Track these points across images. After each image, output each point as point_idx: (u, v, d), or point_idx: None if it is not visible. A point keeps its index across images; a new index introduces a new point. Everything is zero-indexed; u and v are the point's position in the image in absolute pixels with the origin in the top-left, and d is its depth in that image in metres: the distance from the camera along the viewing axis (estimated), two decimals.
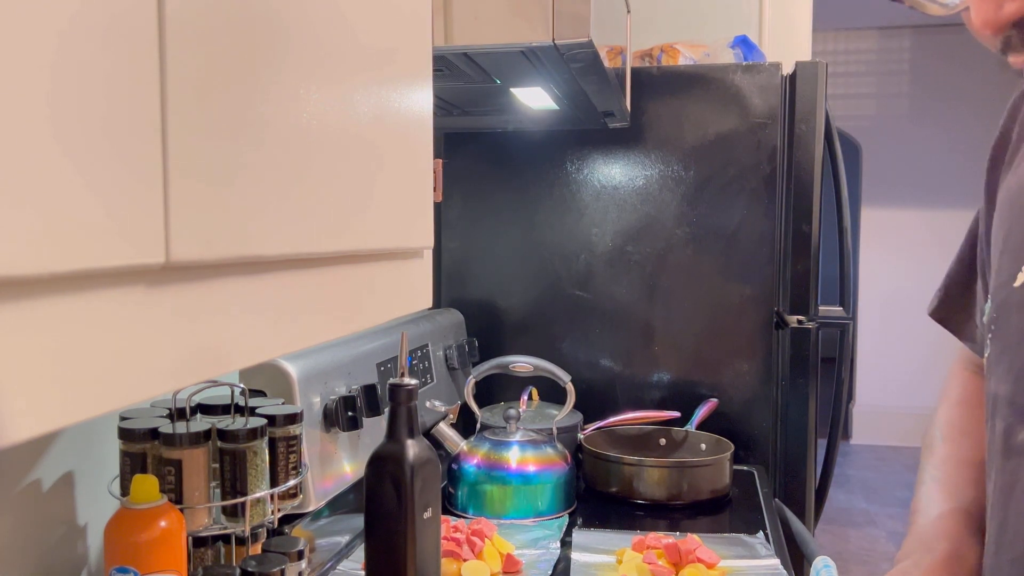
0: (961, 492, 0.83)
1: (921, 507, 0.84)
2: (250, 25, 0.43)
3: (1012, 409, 0.67)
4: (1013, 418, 0.67)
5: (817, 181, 1.73)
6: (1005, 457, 0.68)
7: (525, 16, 0.96)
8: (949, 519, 0.80)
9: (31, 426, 0.30)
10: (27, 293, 0.30)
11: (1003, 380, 0.69)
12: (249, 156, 0.43)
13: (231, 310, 0.44)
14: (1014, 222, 0.71)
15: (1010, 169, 0.75)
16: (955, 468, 0.85)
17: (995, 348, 0.71)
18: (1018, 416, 0.66)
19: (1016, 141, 0.75)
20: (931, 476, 0.86)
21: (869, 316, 5.26)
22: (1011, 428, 0.67)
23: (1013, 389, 0.67)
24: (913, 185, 5.26)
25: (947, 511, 0.81)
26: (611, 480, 1.53)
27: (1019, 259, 0.68)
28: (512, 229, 1.87)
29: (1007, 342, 0.69)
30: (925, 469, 0.88)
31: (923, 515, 0.83)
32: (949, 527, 0.79)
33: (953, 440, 0.88)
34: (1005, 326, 0.69)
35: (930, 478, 0.86)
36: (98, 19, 0.32)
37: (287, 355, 1.01)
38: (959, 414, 0.90)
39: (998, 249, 0.73)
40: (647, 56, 1.89)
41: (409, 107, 0.68)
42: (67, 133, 0.31)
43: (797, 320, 1.74)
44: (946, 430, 0.90)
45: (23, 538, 0.80)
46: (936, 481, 0.85)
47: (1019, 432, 0.66)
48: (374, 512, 0.95)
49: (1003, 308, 0.69)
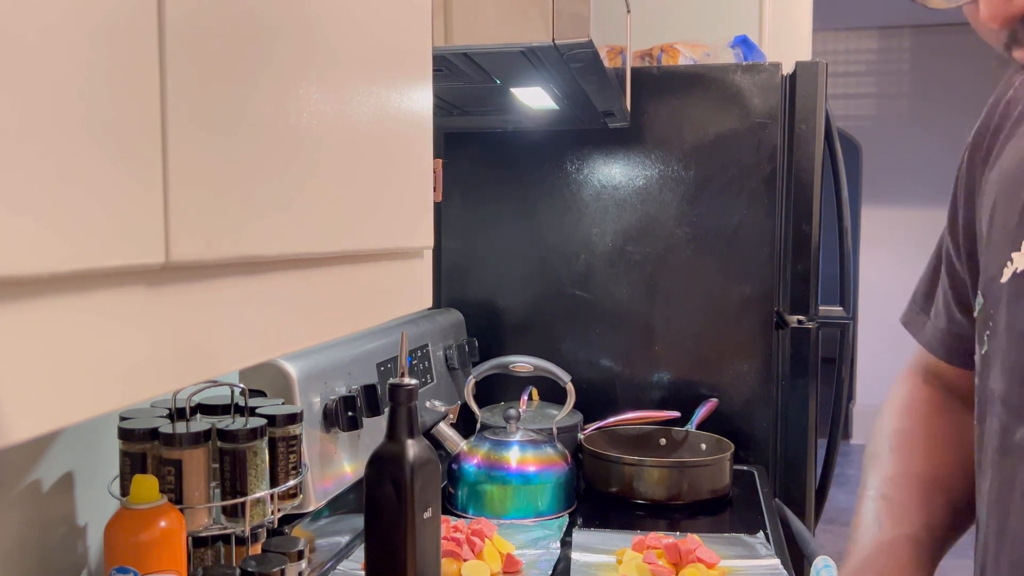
0: (911, 517, 0.79)
1: (865, 522, 0.81)
2: (249, 25, 0.43)
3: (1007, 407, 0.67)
4: (1008, 416, 0.67)
5: (817, 181, 1.73)
6: (1002, 456, 0.68)
7: (525, 16, 0.96)
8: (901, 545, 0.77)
9: (31, 426, 0.30)
10: (27, 293, 0.30)
11: (996, 378, 0.68)
12: (249, 156, 0.43)
13: (231, 310, 0.44)
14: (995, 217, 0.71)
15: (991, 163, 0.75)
16: (905, 487, 0.82)
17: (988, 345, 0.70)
18: (1014, 414, 0.66)
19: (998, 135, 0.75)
20: (879, 493, 0.83)
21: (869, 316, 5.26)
22: (1007, 426, 0.67)
23: (1007, 387, 0.67)
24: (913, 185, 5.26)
25: (896, 538, 0.78)
26: (611, 480, 1.53)
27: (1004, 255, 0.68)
28: (512, 229, 1.87)
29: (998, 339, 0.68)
30: (871, 483, 0.84)
31: (868, 536, 0.79)
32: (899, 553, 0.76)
33: (903, 452, 0.85)
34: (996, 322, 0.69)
35: (878, 494, 0.83)
36: (98, 16, 0.32)
37: (287, 355, 1.01)
38: (907, 425, 0.87)
39: (984, 244, 0.73)
40: (647, 56, 1.89)
41: (409, 107, 0.68)
42: (67, 133, 0.31)
43: (797, 320, 1.74)
44: (895, 441, 0.87)
45: (23, 538, 0.80)
46: (885, 499, 0.82)
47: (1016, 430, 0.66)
48: (374, 512, 0.95)
49: (993, 304, 0.69)
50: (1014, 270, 0.66)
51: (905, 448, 0.85)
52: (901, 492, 0.82)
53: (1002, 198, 0.70)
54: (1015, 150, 0.71)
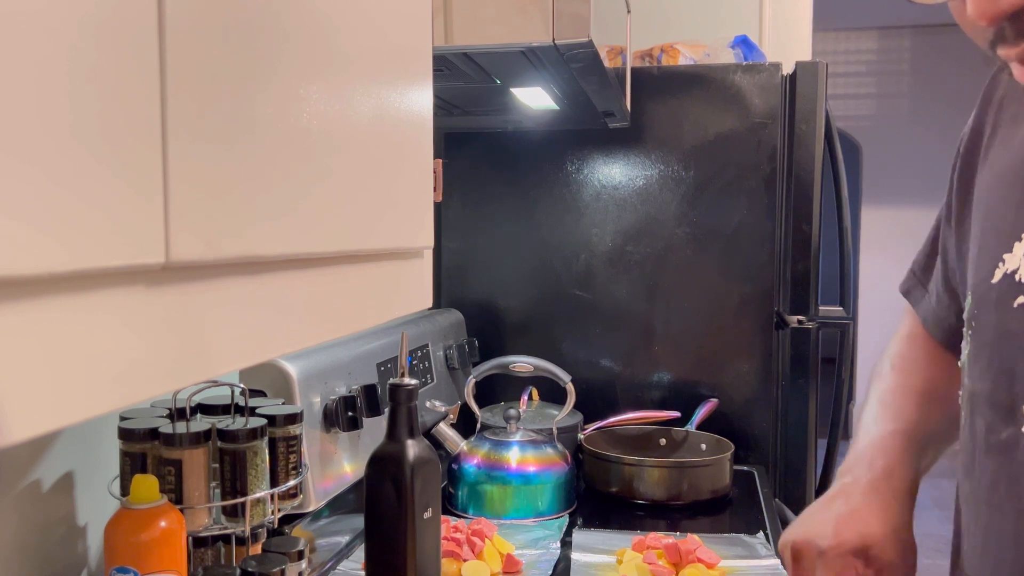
0: (905, 414, 0.86)
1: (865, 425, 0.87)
2: (249, 25, 0.43)
3: (992, 407, 0.67)
4: (994, 416, 0.67)
5: (817, 181, 1.73)
6: (987, 455, 0.68)
7: (525, 16, 0.96)
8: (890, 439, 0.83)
9: (31, 426, 0.30)
10: (27, 293, 0.30)
11: (982, 378, 0.68)
12: (249, 156, 0.43)
13: (231, 310, 0.44)
14: (988, 217, 0.71)
15: (984, 162, 0.75)
16: (902, 394, 0.88)
17: (973, 345, 0.70)
18: (999, 414, 0.66)
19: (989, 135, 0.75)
20: (878, 399, 0.89)
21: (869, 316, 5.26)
22: (992, 426, 0.67)
23: (993, 387, 0.67)
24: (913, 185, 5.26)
25: (889, 431, 0.84)
26: (611, 480, 1.53)
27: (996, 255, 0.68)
28: (512, 229, 1.87)
29: (985, 339, 0.68)
30: (872, 393, 0.91)
31: (865, 432, 0.86)
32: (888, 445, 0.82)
33: (903, 370, 0.91)
34: (983, 323, 0.69)
35: (877, 401, 0.89)
36: (99, 18, 0.32)
37: (287, 355, 1.01)
38: (908, 347, 0.93)
39: (976, 244, 0.73)
40: (647, 56, 1.89)
41: (410, 107, 0.68)
42: (67, 133, 0.31)
43: (797, 320, 1.74)
44: (896, 361, 0.93)
45: (23, 538, 0.80)
46: (882, 404, 0.88)
47: (1001, 431, 0.66)
48: (374, 512, 0.95)
49: (981, 304, 0.69)
50: (1005, 271, 0.66)
51: (906, 367, 0.91)
52: (899, 398, 0.88)
53: (995, 199, 0.70)
54: (1008, 150, 0.71)
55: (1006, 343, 0.65)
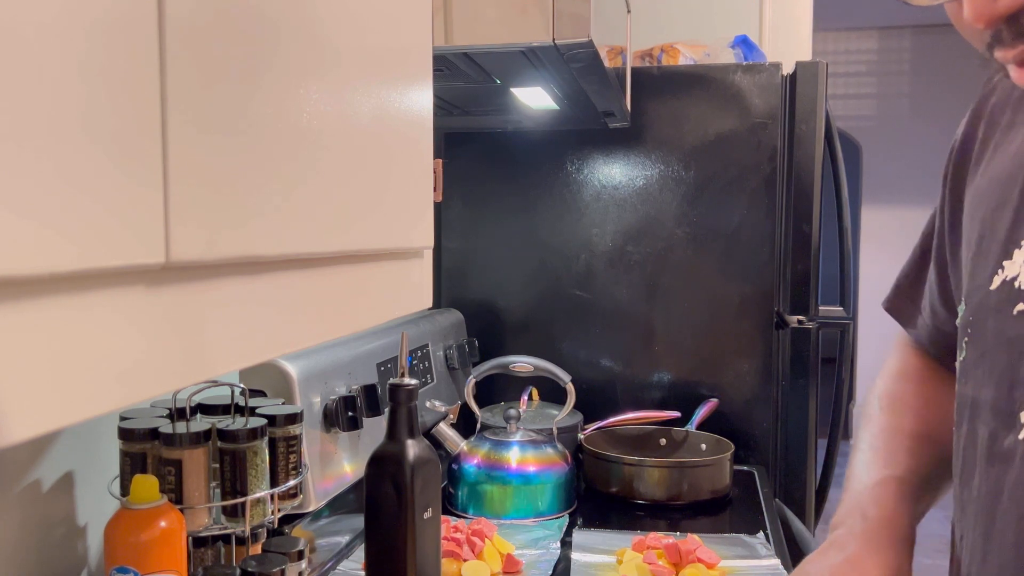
0: (897, 460, 0.83)
1: (856, 473, 0.85)
2: (250, 24, 0.43)
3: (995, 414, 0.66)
4: (997, 423, 0.66)
5: (817, 181, 1.73)
6: (989, 463, 0.67)
7: (525, 16, 0.96)
8: (882, 487, 0.81)
9: (31, 426, 0.30)
10: (27, 293, 0.30)
11: (984, 385, 0.68)
12: (249, 156, 0.43)
13: (231, 310, 0.44)
14: (985, 224, 0.70)
15: (977, 170, 0.74)
16: (893, 438, 0.86)
17: (972, 352, 0.70)
18: (1002, 421, 0.65)
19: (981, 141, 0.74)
20: (868, 444, 0.87)
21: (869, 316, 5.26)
22: (995, 434, 0.66)
23: (995, 394, 0.66)
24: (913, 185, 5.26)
25: (881, 479, 0.81)
26: (611, 480, 1.53)
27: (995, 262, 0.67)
28: (512, 229, 1.87)
29: (985, 346, 0.68)
30: (862, 438, 0.89)
31: (857, 481, 0.83)
32: (882, 494, 0.80)
33: (893, 411, 0.89)
34: (982, 329, 0.68)
35: (867, 446, 0.87)
36: (98, 15, 0.32)
37: (287, 355, 1.01)
38: (900, 388, 0.91)
39: (971, 252, 0.72)
40: (647, 56, 1.89)
41: (409, 107, 0.68)
42: (66, 133, 0.31)
43: (797, 320, 1.74)
44: (885, 402, 0.90)
45: (23, 538, 0.80)
46: (873, 449, 0.86)
47: (1004, 438, 0.65)
48: (374, 512, 0.95)
49: (979, 311, 0.68)
50: (1004, 277, 0.66)
51: (896, 407, 0.89)
52: (890, 442, 0.85)
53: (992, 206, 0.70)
54: (1004, 156, 0.70)
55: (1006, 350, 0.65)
